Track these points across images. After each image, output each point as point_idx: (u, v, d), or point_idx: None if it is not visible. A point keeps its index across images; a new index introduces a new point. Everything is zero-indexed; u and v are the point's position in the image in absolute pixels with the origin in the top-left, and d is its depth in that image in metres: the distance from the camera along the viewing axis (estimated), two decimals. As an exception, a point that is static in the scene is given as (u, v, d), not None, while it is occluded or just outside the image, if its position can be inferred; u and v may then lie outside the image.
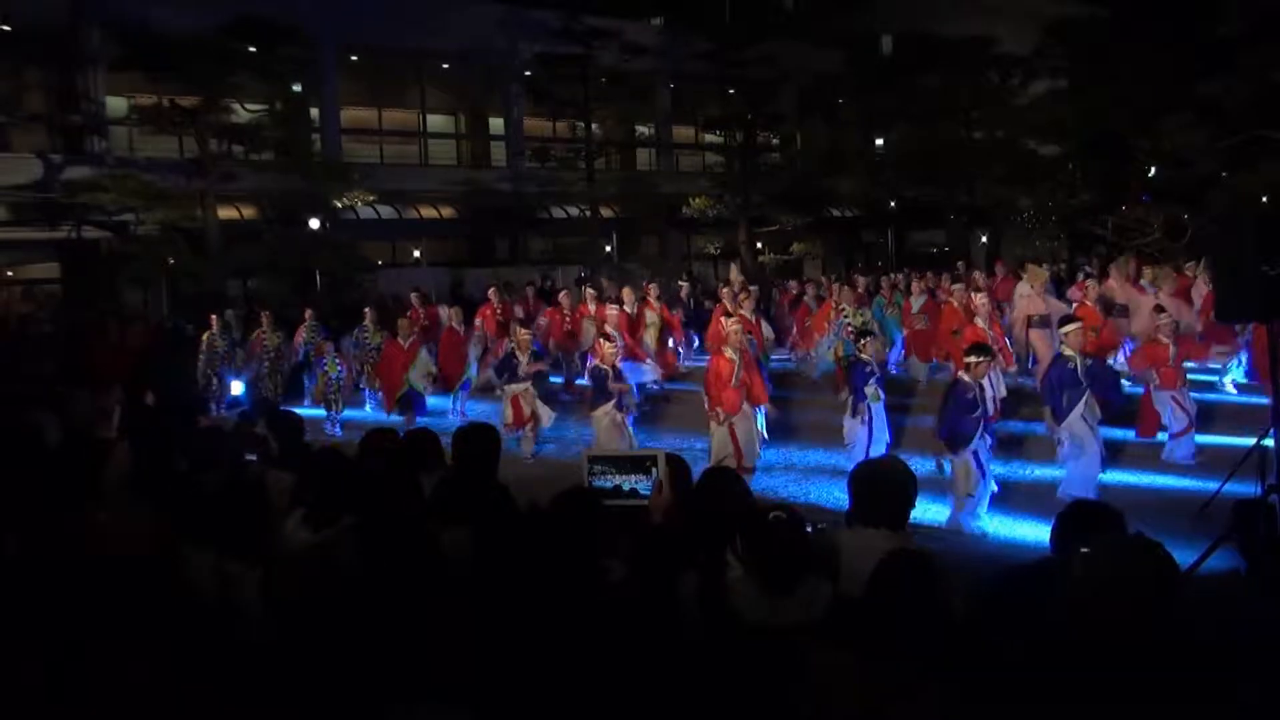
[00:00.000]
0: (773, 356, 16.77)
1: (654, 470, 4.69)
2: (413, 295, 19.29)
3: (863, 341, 11.93)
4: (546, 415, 13.98)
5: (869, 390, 11.46)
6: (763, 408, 12.03)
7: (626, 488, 4.73)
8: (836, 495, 10.94)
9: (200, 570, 4.28)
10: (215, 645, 3.78)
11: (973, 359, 9.83)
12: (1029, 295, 15.17)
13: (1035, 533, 9.43)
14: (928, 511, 9.90)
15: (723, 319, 13.04)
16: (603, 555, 3.96)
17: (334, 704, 3.54)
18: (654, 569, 4.10)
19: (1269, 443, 8.24)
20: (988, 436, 9.81)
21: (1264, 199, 28.70)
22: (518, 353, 13.85)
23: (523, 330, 14.60)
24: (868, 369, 11.60)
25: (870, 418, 11.48)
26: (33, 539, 4.50)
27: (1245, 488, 8.55)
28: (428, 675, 3.47)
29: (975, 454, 9.60)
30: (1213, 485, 9.84)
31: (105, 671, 3.47)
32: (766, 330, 16.69)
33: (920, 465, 11.10)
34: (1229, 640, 3.97)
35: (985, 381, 9.97)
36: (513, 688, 3.41)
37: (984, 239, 39.60)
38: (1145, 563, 3.10)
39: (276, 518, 4.90)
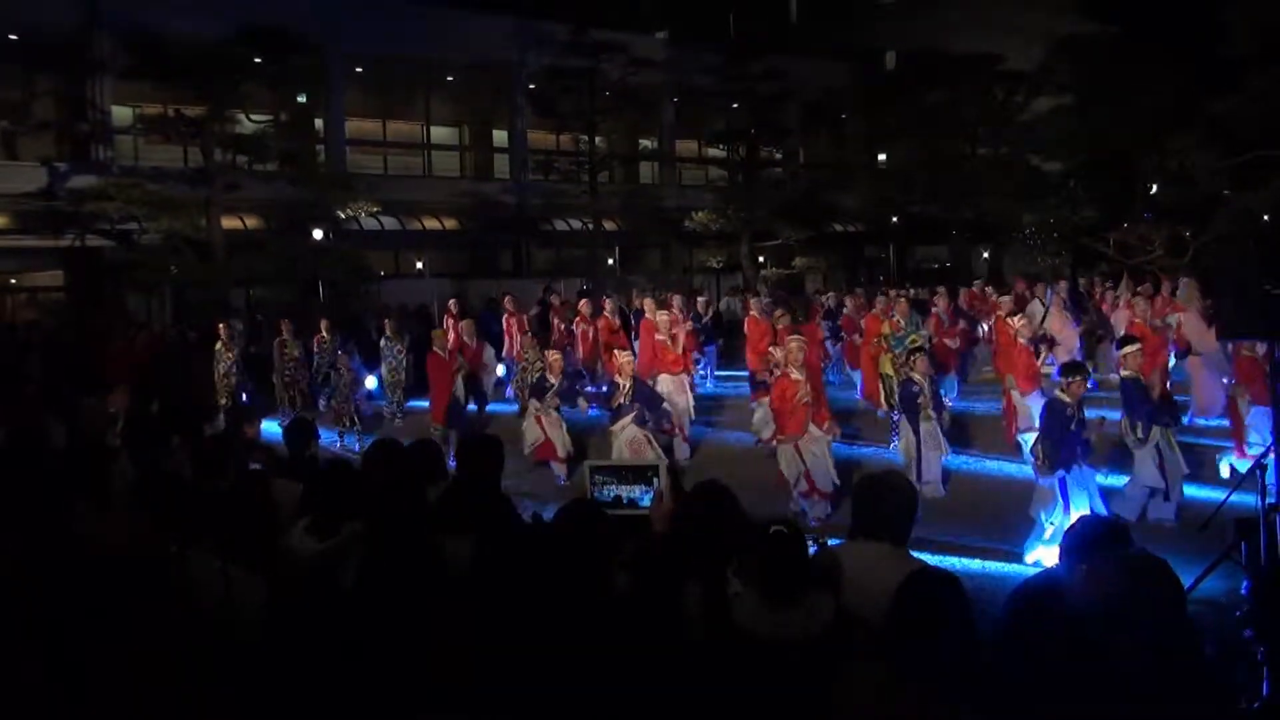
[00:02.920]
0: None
1: (655, 480, 4.71)
2: (451, 303, 19.27)
3: (914, 359, 11.71)
4: (562, 445, 13.34)
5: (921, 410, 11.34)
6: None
7: (627, 498, 4.76)
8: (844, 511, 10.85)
9: (204, 576, 4.29)
10: (217, 649, 3.80)
11: (1069, 378, 9.65)
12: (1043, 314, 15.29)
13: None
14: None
15: (788, 335, 12.48)
16: (607, 566, 3.97)
17: (336, 711, 3.56)
18: (658, 580, 4.11)
19: (1271, 460, 8.22)
20: (1083, 464, 9.48)
21: (1267, 218, 28.75)
22: (549, 376, 13.30)
23: (552, 352, 14.18)
24: (915, 388, 11.41)
25: (921, 437, 11.32)
26: (38, 541, 4.52)
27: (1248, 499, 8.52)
28: (430, 684, 3.48)
29: (1063, 481, 9.32)
30: (1215, 500, 9.82)
31: (106, 673, 3.49)
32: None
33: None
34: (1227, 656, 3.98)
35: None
36: (517, 698, 3.42)
37: (986, 255, 39.66)
38: (1151, 580, 3.12)
39: (282, 526, 4.92)
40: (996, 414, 13.49)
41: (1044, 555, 9.21)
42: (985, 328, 16.97)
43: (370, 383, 16.84)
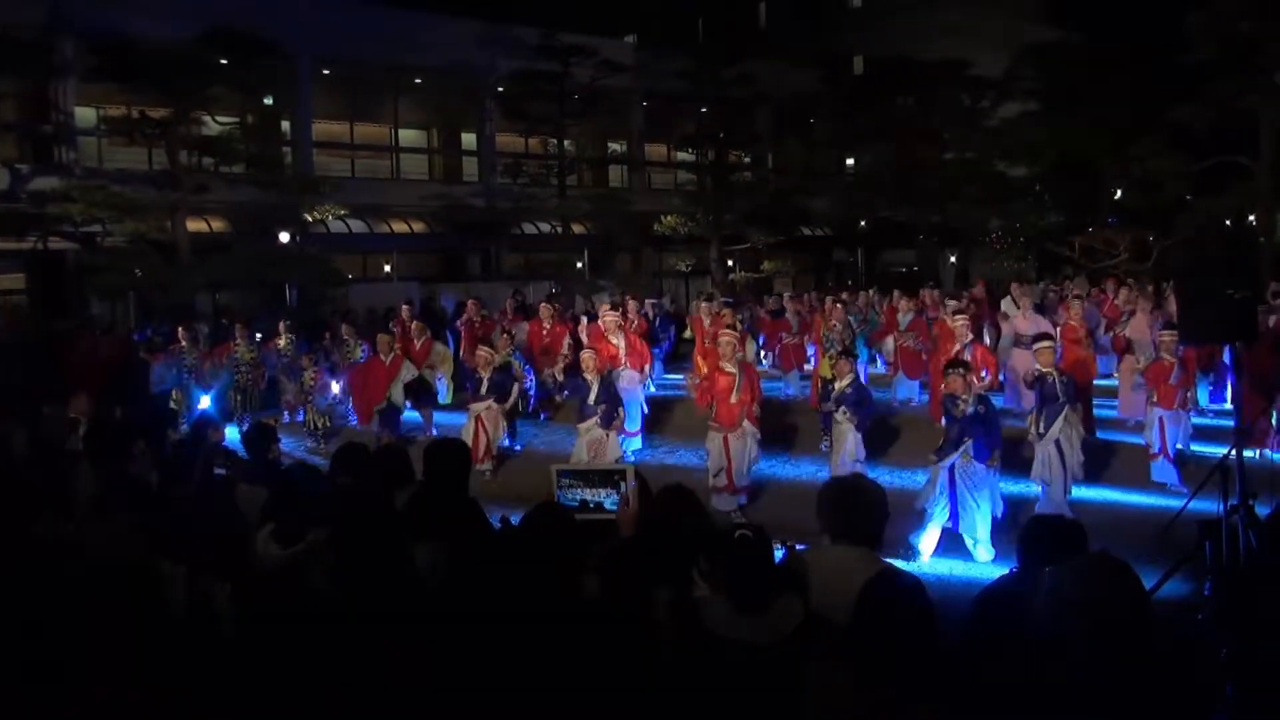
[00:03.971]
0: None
1: (623, 485, 4.70)
2: (404, 308, 19.21)
3: (840, 362, 12.01)
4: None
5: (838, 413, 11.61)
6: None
7: (594, 502, 4.75)
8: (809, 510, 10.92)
9: (170, 583, 4.26)
10: (186, 658, 3.77)
11: (951, 373, 10.00)
12: (1016, 315, 15.47)
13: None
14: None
15: (724, 330, 12.93)
16: (575, 570, 3.97)
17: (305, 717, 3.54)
18: (626, 584, 4.11)
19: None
20: (979, 461, 9.70)
21: (1229, 222, 29.13)
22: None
23: (481, 348, 14.43)
24: (830, 389, 11.87)
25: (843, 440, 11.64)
26: (18, 552, 4.48)
27: (1209, 505, 8.63)
28: (399, 691, 3.47)
29: (949, 470, 9.62)
30: (1176, 504, 9.94)
31: (73, 680, 3.46)
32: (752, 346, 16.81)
33: (887, 479, 11.20)
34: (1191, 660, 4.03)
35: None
36: (486, 703, 3.41)
37: (953, 259, 39.94)
38: (1113, 583, 3.14)
39: (248, 532, 4.89)
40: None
41: (927, 545, 9.45)
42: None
43: (335, 388, 16.76)
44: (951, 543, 9.75)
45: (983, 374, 12.04)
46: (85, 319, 23.36)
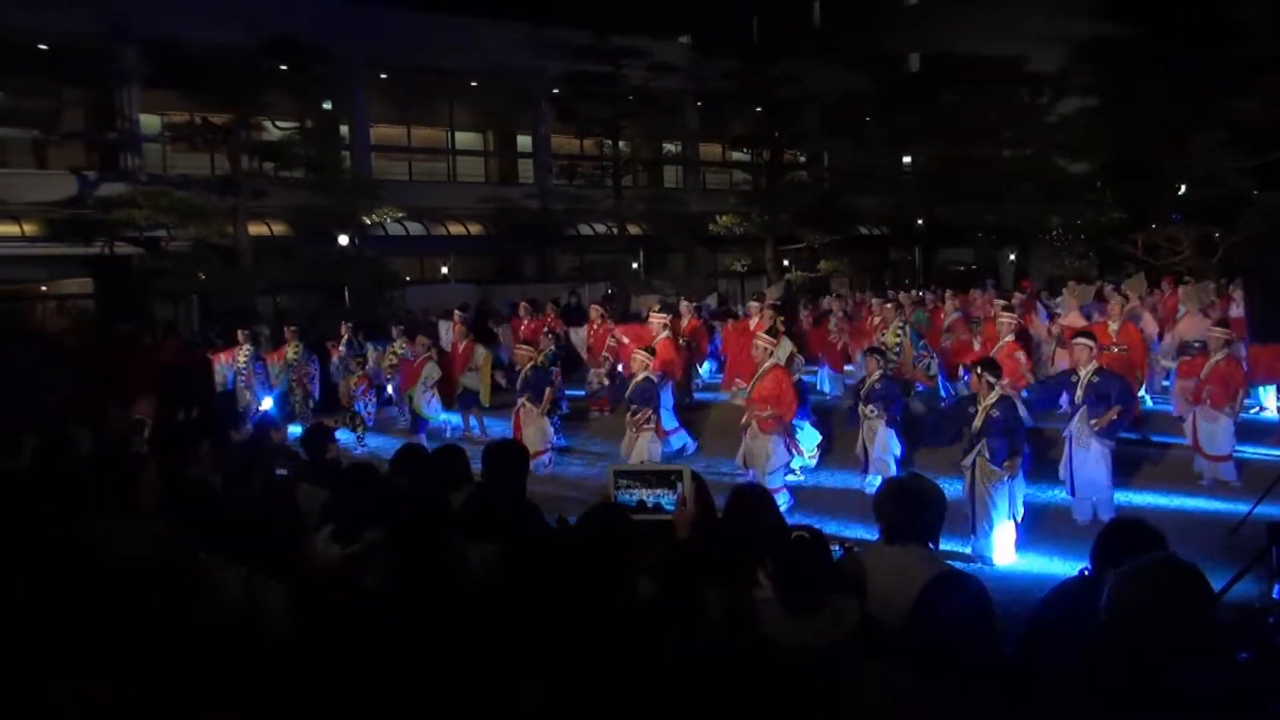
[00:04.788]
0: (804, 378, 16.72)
1: (679, 485, 4.68)
2: (456, 311, 19.34)
3: (869, 359, 12.10)
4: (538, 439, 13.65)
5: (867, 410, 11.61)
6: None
7: (651, 503, 4.73)
8: (866, 515, 10.88)
9: (230, 583, 4.30)
10: (242, 658, 3.80)
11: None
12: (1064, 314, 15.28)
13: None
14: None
15: (756, 336, 12.92)
16: (632, 570, 3.96)
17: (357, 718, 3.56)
18: (681, 585, 4.10)
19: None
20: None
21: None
22: (520, 368, 13.69)
23: (521, 346, 14.67)
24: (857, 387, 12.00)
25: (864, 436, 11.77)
26: (64, 551, 4.53)
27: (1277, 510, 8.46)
28: (451, 690, 3.48)
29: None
30: (1245, 506, 9.73)
31: (131, 681, 3.50)
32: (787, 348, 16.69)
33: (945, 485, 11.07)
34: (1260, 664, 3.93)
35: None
36: (540, 704, 3.41)
37: (1012, 257, 39.45)
38: (1179, 586, 3.08)
39: (308, 532, 4.92)
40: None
41: (1000, 549, 9.32)
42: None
43: (389, 389, 16.98)
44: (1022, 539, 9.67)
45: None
46: (148, 322, 23.72)
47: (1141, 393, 13.59)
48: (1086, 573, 4.20)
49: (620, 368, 15.12)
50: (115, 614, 3.67)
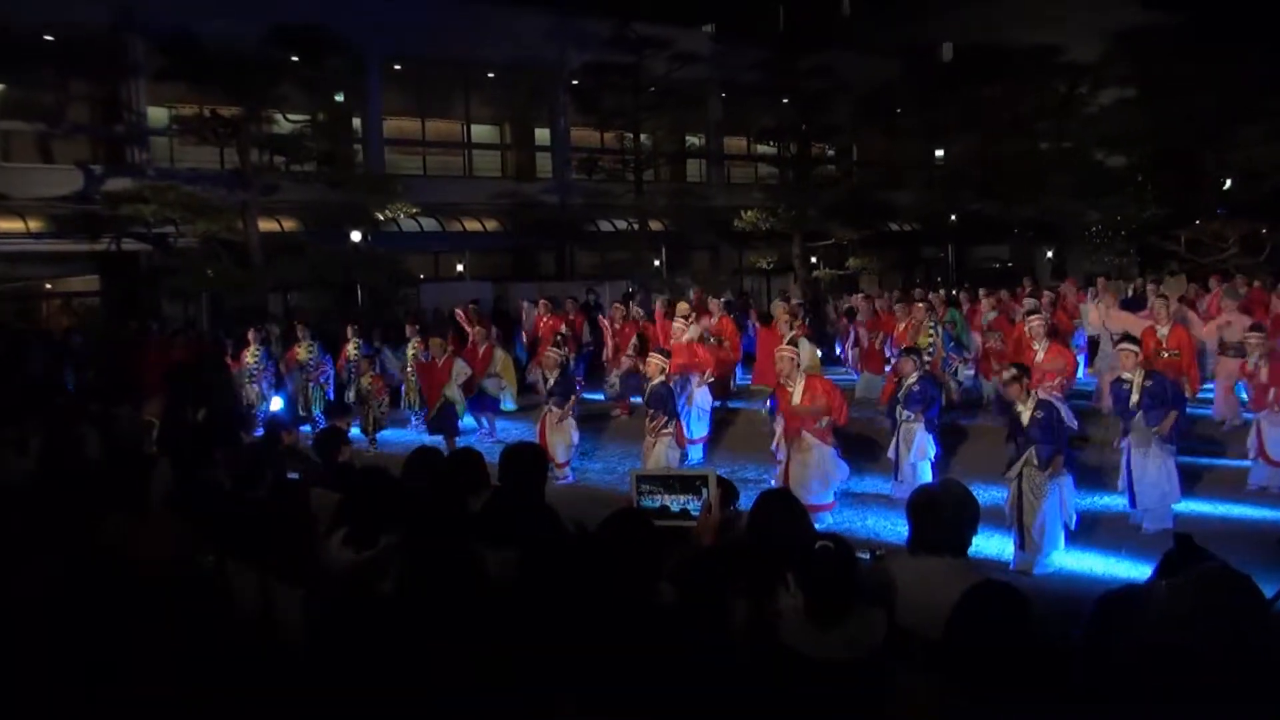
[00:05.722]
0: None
1: (704, 491, 4.70)
2: (470, 306, 19.36)
3: (903, 360, 12.09)
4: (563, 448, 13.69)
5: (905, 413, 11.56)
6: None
7: (675, 508, 4.75)
8: (893, 519, 10.89)
9: (242, 587, 4.34)
10: (255, 663, 3.84)
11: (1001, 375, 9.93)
12: (1094, 313, 15.17)
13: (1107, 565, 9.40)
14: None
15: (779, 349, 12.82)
16: (654, 578, 3.98)
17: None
18: (704, 593, 4.11)
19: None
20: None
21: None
22: (546, 373, 13.71)
23: (549, 350, 14.64)
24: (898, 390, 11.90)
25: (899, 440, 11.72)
26: (73, 553, 4.58)
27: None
28: (470, 700, 3.50)
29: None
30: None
31: (143, 686, 3.54)
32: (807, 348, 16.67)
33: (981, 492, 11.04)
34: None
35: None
36: (557, 713, 3.43)
37: (1050, 254, 39.28)
38: (1231, 593, 3.07)
39: (320, 537, 4.95)
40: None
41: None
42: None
43: (410, 393, 17.08)
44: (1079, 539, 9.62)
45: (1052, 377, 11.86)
46: (157, 320, 23.86)
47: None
48: (1147, 581, 4.18)
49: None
50: (138, 616, 3.72)
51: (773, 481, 11.35)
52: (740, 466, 13.35)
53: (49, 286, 30.07)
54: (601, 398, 17.58)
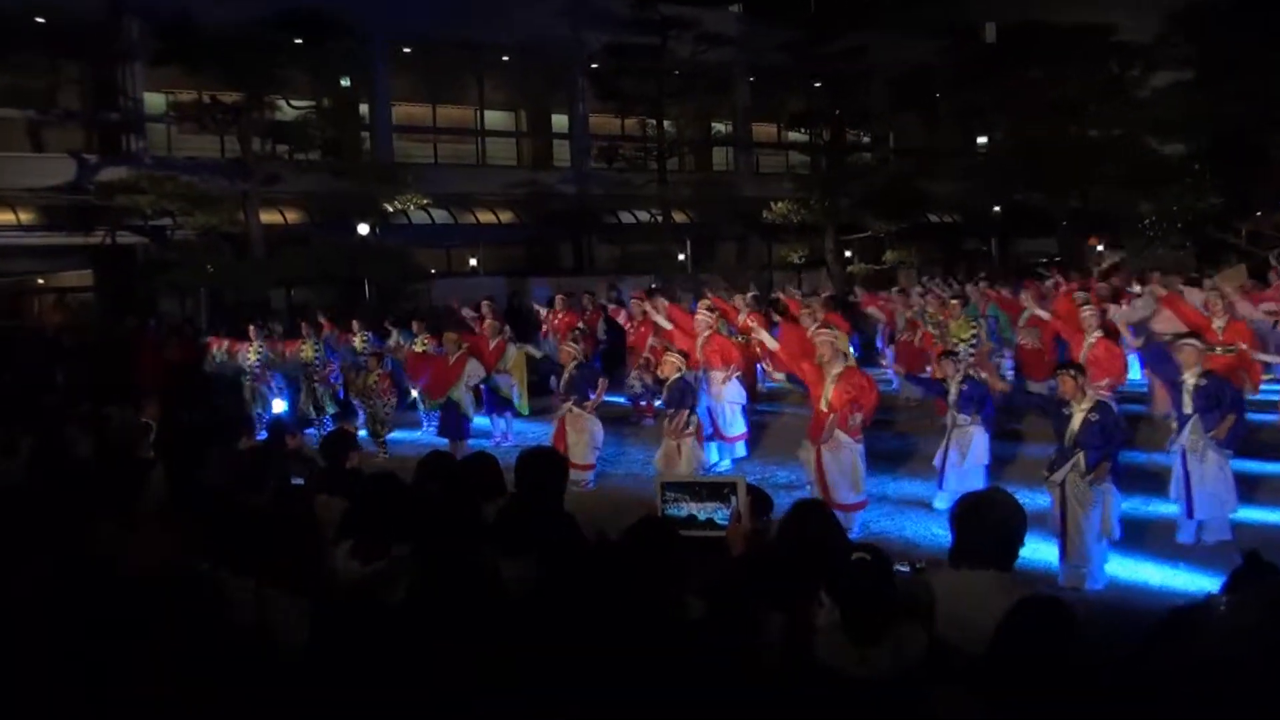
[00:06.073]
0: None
1: (733, 499, 4.68)
2: (484, 303, 19.33)
3: (944, 363, 11.99)
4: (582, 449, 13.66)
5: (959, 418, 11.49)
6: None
7: (702, 517, 4.73)
8: (933, 529, 10.83)
9: (239, 599, 4.34)
10: (252, 679, 3.84)
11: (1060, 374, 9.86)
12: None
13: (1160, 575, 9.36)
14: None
15: (820, 330, 12.82)
16: (680, 590, 3.96)
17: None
18: (734, 607, 4.10)
19: None
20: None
21: None
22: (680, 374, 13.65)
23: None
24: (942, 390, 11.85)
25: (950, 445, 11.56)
26: (64, 560, 4.60)
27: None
28: (482, 716, 3.49)
29: None
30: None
31: (133, 701, 3.54)
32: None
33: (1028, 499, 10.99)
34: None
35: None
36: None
37: (1100, 248, 39.04)
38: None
39: (325, 546, 4.96)
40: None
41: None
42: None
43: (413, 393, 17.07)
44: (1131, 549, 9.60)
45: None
46: (154, 317, 23.96)
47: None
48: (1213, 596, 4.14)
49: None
50: (126, 627, 3.72)
51: (807, 486, 11.29)
52: (770, 473, 13.30)
53: (41, 282, 30.28)
54: (623, 400, 17.54)
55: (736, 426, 14.27)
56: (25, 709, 3.61)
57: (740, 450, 14.29)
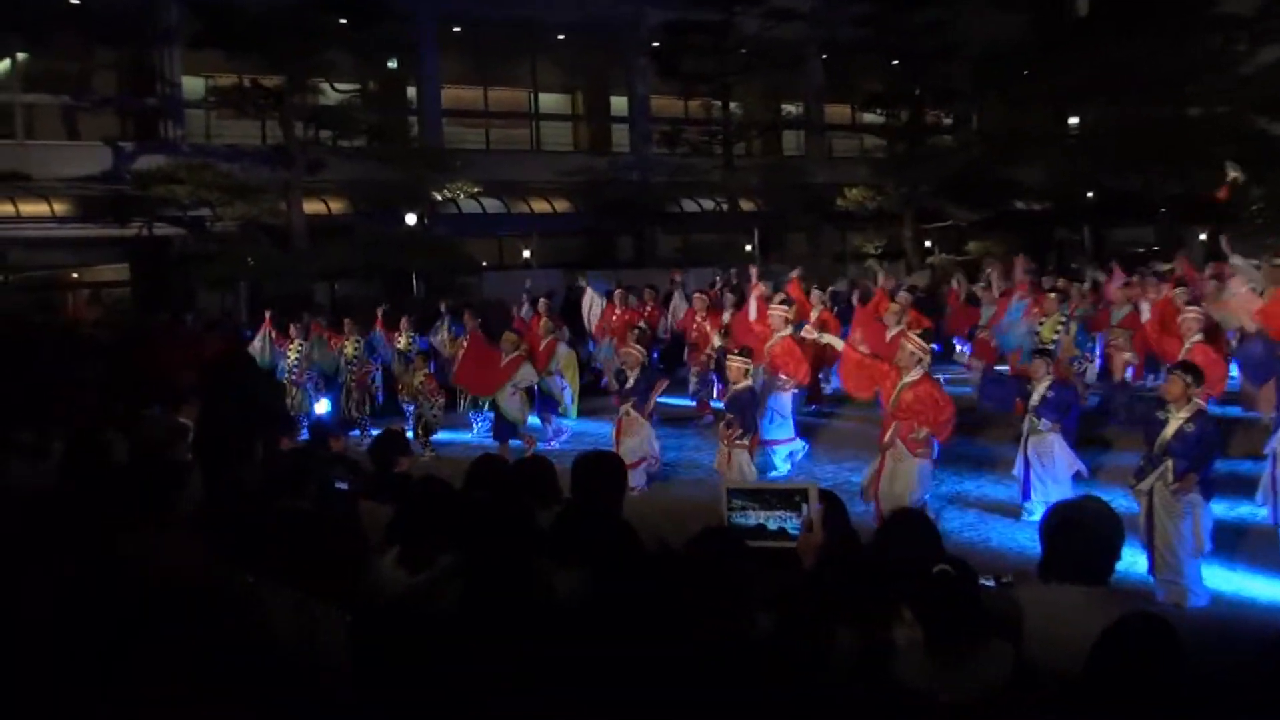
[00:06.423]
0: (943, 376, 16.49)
1: (804, 506, 4.64)
2: (544, 303, 19.38)
3: (1035, 362, 11.87)
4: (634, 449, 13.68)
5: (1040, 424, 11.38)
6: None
7: (772, 526, 4.69)
8: (1019, 538, 10.73)
9: (281, 609, 4.36)
10: (295, 695, 3.86)
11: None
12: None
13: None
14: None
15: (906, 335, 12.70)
16: (747, 605, 3.93)
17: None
18: (806, 623, 4.06)
19: None
20: None
21: None
22: (627, 371, 13.82)
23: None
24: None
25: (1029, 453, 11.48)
26: (95, 567, 4.64)
27: None
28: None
29: None
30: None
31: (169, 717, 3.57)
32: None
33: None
34: None
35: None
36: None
37: (1202, 237, 38.49)
38: None
39: (370, 555, 4.97)
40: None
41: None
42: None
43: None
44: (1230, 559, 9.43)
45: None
46: (192, 312, 24.24)
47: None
48: None
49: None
50: (156, 638, 3.75)
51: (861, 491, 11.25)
52: (844, 478, 13.23)
53: (75, 276, 30.72)
54: (688, 401, 17.55)
55: (779, 432, 14.14)
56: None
57: (782, 466, 14.15)
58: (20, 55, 28.84)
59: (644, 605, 4.01)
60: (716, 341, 16.19)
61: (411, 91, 33.60)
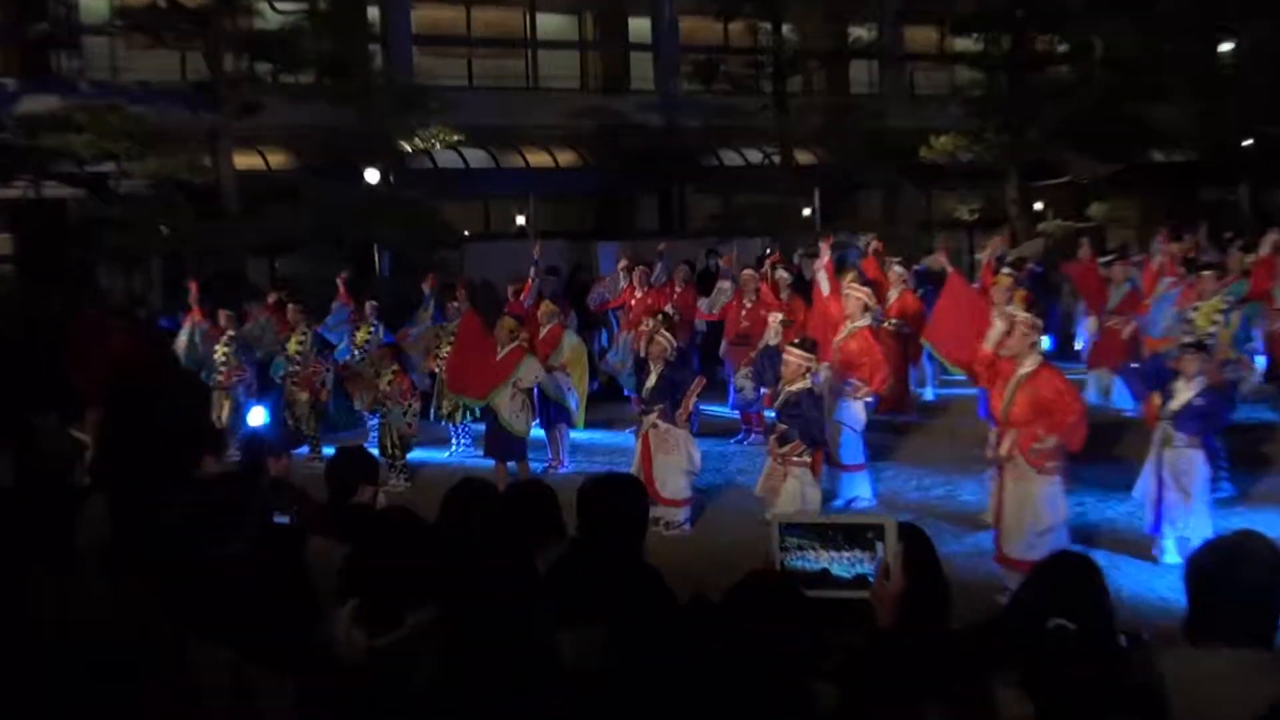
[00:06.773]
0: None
1: (879, 546, 4.63)
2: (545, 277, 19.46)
3: (1184, 358, 11.78)
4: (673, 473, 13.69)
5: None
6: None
7: (839, 572, 4.68)
8: (1157, 586, 10.71)
9: (210, 673, 4.38)
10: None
11: None
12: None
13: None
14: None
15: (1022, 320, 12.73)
16: (804, 674, 3.94)
17: None
18: (880, 699, 4.06)
19: None
20: None
21: None
22: (652, 365, 13.87)
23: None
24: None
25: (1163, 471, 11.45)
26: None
27: None
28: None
29: None
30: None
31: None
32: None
33: None
34: None
35: None
36: None
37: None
38: None
39: (320, 609, 4.98)
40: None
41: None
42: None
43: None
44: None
45: None
46: (93, 294, 24.30)
47: None
48: None
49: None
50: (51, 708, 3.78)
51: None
52: (931, 503, 13.23)
53: (-56, 248, 30.84)
54: (728, 410, 17.59)
55: (849, 455, 14.11)
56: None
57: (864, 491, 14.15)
58: None
59: (671, 674, 4.02)
60: (774, 332, 16.07)
61: (374, 11, 33.60)
